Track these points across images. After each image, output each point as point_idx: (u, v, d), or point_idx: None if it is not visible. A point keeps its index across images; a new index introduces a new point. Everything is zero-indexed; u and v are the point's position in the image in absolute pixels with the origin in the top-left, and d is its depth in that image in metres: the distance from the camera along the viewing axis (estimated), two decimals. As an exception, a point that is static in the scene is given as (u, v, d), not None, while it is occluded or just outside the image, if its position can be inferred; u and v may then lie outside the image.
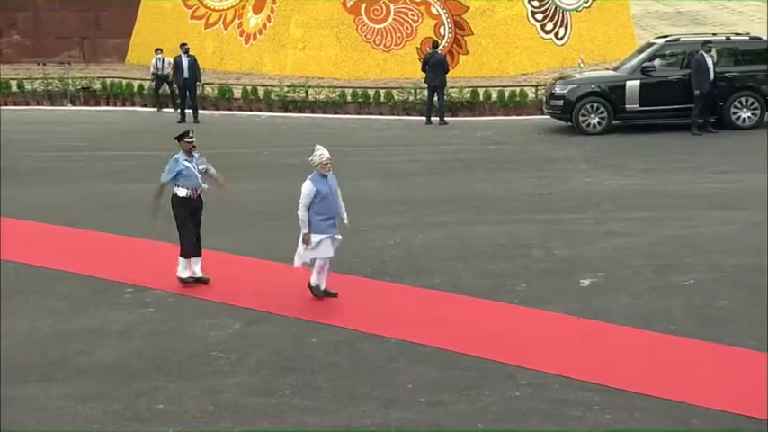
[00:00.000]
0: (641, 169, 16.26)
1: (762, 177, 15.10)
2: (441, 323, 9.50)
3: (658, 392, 7.83)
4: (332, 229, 9.95)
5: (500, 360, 8.58)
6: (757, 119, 19.07)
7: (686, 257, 11.22)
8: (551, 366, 8.39)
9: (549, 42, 27.09)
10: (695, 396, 7.75)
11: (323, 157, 9.88)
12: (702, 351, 8.67)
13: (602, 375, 8.19)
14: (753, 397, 7.72)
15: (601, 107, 19.39)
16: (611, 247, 11.81)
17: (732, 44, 19.66)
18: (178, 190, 10.53)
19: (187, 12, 29.58)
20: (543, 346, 8.92)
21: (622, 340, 9.00)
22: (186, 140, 10.56)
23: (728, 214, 13.10)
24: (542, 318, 9.58)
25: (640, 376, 8.17)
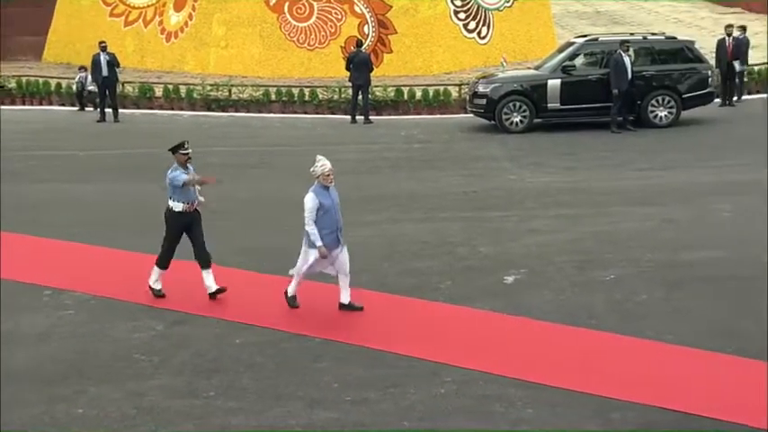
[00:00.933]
0: (563, 167, 16.49)
1: (677, 174, 15.45)
2: (366, 322, 9.50)
3: (580, 387, 7.95)
4: (336, 244, 9.46)
5: (425, 358, 8.61)
6: (673, 117, 19.48)
7: (607, 253, 11.41)
8: (476, 363, 8.45)
9: (472, 41, 27.31)
10: (616, 390, 7.88)
11: (325, 167, 9.35)
12: (623, 345, 8.82)
13: (525, 371, 8.27)
14: (670, 389, 7.89)
15: (523, 106, 19.60)
16: (535, 244, 11.95)
17: (649, 44, 20.06)
18: (174, 204, 9.96)
19: (106, 9, 29.04)
20: (468, 343, 8.97)
21: (545, 336, 9.10)
22: (182, 152, 9.92)
23: (647, 211, 13.36)
24: (467, 315, 9.64)
25: (563, 371, 8.28)
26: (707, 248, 11.42)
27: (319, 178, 9.42)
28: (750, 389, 7.84)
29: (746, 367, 8.23)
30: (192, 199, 10.05)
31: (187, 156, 9.96)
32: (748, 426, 7.26)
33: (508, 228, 12.71)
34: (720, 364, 8.33)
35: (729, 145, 17.49)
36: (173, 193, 9.97)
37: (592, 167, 16.42)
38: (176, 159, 10.00)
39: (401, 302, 10.01)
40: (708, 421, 7.35)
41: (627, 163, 16.55)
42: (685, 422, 7.37)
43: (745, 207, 13.14)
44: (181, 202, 9.98)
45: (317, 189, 9.42)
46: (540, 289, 10.31)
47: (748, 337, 8.83)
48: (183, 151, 9.95)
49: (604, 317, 9.49)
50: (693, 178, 15.16)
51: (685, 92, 19.49)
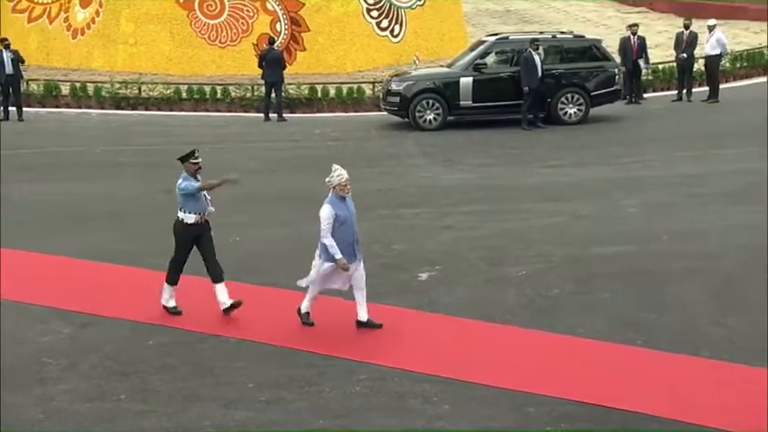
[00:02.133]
0: (476, 164, 16.65)
1: (586, 170, 15.76)
2: (280, 321, 9.42)
3: (496, 382, 8.03)
4: (352, 257, 8.98)
5: (340, 356, 8.59)
6: (582, 114, 19.86)
7: (519, 249, 11.56)
8: (391, 360, 8.47)
9: (385, 39, 27.37)
10: (530, 384, 7.99)
11: (342, 177, 8.93)
12: (536, 340, 8.94)
13: (441, 367, 8.32)
14: (583, 382, 8.03)
15: (436, 103, 19.72)
16: (449, 240, 12.03)
17: (558, 42, 20.39)
18: (186, 216, 9.40)
19: (8, 5, 28.22)
20: (383, 340, 8.98)
21: (460, 332, 9.17)
22: (192, 161, 9.34)
23: (557, 207, 13.57)
24: (381, 312, 9.62)
25: (478, 367, 8.35)
26: (615, 243, 11.66)
27: (335, 188, 8.95)
28: (658, 379, 8.03)
29: (654, 358, 8.43)
30: (204, 209, 9.47)
31: (198, 165, 9.38)
32: (657, 416, 7.44)
33: (422, 225, 12.78)
34: (630, 355, 8.51)
35: (635, 142, 17.90)
36: (184, 204, 9.37)
37: (504, 164, 16.62)
38: (186, 169, 9.39)
39: (315, 301, 9.95)
40: (617, 413, 7.50)
41: (538, 160, 16.80)
42: (598, 414, 7.50)
43: (650, 202, 13.47)
44: (193, 213, 9.38)
45: (332, 200, 8.95)
46: (454, 285, 10.38)
47: (655, 329, 9.04)
48: (193, 160, 9.34)
49: (517, 312, 9.60)
50: (601, 174, 15.47)
51: (593, 89, 19.87)
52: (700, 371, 8.16)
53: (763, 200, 13.23)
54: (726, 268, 10.60)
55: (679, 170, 15.31)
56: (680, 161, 15.99)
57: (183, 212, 9.42)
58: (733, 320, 9.10)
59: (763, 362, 8.22)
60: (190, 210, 9.40)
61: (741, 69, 24.38)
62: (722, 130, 18.56)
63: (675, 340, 8.72)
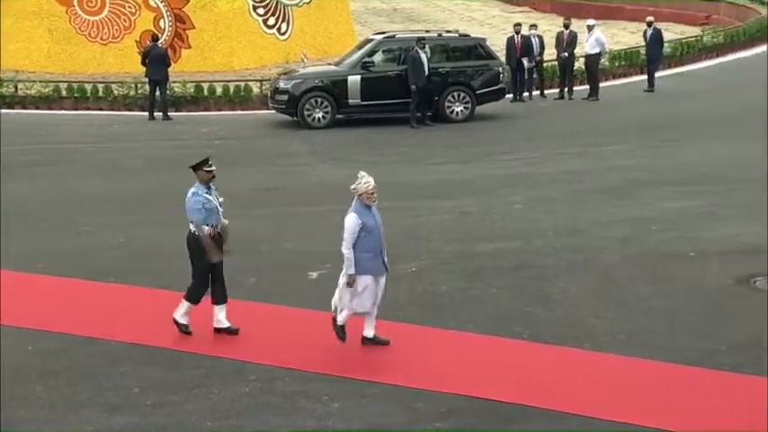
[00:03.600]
0: (366, 162, 16.65)
1: (473, 167, 16.00)
2: (167, 323, 9.24)
3: (385, 379, 8.07)
4: (381, 270, 8.55)
5: (229, 357, 8.49)
6: (469, 112, 20.13)
7: (408, 246, 11.62)
8: (281, 360, 8.41)
9: (272, 37, 27.19)
10: (420, 380, 8.05)
11: (369, 185, 8.43)
12: (426, 336, 9.01)
13: (331, 366, 8.31)
14: (472, 377, 8.13)
15: (325, 102, 19.69)
16: (339, 239, 12.00)
17: (444, 41, 20.61)
18: (198, 229, 8.79)
19: None
20: (272, 340, 8.92)
21: (350, 330, 9.15)
22: (206, 169, 8.77)
23: (445, 204, 13.73)
24: (271, 311, 9.58)
25: (368, 364, 8.37)
26: (501, 239, 11.86)
27: (362, 196, 8.45)
28: (544, 372, 8.20)
29: (540, 352, 8.60)
30: (218, 221, 8.89)
31: (211, 173, 8.83)
32: (543, 408, 7.59)
33: (313, 223, 12.73)
34: (516, 349, 8.66)
35: (520, 139, 18.26)
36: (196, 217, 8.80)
37: (393, 162, 16.71)
38: (199, 177, 8.80)
39: (203, 301, 9.80)
40: (507, 407, 7.63)
41: (426, 157, 16.96)
42: (485, 408, 7.61)
43: (535, 198, 13.75)
44: (207, 226, 8.80)
45: (358, 208, 8.46)
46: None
47: (540, 322, 9.23)
48: (207, 168, 8.79)
49: (407, 308, 9.66)
50: (488, 171, 15.72)
51: (479, 88, 20.17)
52: (584, 363, 8.35)
53: (640, 194, 13.68)
54: (607, 262, 10.90)
55: (562, 167, 15.67)
56: (562, 158, 16.37)
57: (195, 226, 8.81)
58: (613, 313, 9.36)
59: (643, 352, 8.48)
60: (204, 222, 8.78)
61: (620, 68, 25.12)
62: (602, 127, 19.10)
63: (560, 333, 8.92)
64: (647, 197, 13.56)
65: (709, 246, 11.24)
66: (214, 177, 8.86)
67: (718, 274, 10.28)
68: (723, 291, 9.85)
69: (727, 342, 8.61)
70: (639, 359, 8.35)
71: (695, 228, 12.00)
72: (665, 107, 20.72)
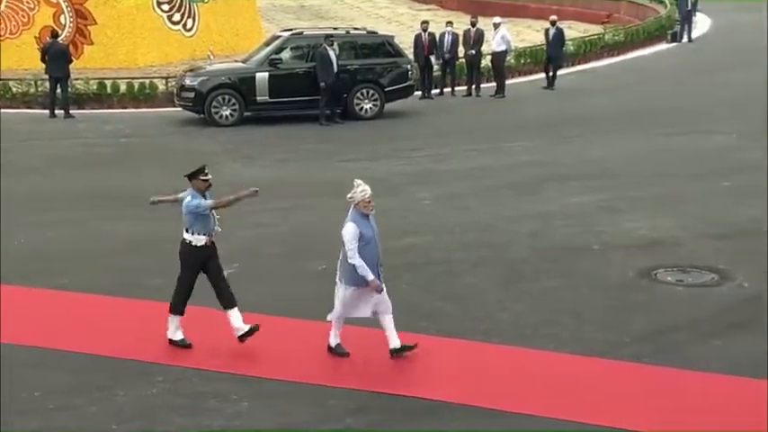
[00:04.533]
0: (275, 159, 16.59)
1: (382, 164, 16.04)
2: (71, 326, 9.03)
3: (294, 377, 8.02)
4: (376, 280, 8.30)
5: (135, 358, 8.33)
6: (378, 109, 20.18)
7: (318, 244, 11.58)
8: (188, 361, 8.30)
9: (178, 33, 26.81)
10: (329, 377, 8.03)
11: (365, 193, 8.29)
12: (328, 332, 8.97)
13: (239, 365, 8.23)
14: (381, 373, 8.15)
15: (232, 99, 19.49)
16: (249, 237, 11.92)
17: (352, 38, 20.60)
18: (194, 238, 8.52)
19: None
20: (180, 340, 8.78)
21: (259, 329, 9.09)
22: (202, 178, 8.50)
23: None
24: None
25: (278, 363, 8.31)
26: (410, 235, 11.91)
27: (358, 205, 8.31)
28: (455, 368, 8.26)
29: (448, 347, 8.66)
30: (212, 229, 8.64)
31: (208, 182, 8.58)
32: (459, 403, 7.64)
33: (221, 223, 12.55)
34: (426, 345, 8.69)
35: (428, 136, 18.37)
36: (192, 224, 8.52)
37: (303, 159, 16.64)
38: (194, 186, 8.52)
39: (108, 302, 9.62)
40: (417, 402, 7.66)
41: (335, 154, 16.93)
42: (398, 404, 7.64)
43: (444, 195, 13.86)
44: (202, 235, 8.53)
45: (355, 218, 8.29)
46: (254, 282, 10.29)
47: (448, 318, 9.30)
48: (203, 177, 8.52)
49: (317, 306, 9.60)
50: (397, 168, 15.78)
51: (388, 85, 20.22)
52: (492, 357, 8.44)
53: (545, 190, 13.92)
54: (514, 256, 11.06)
55: (470, 163, 15.84)
56: (471, 154, 16.54)
57: (191, 234, 8.53)
58: (520, 307, 9.50)
59: (549, 345, 8.62)
60: (198, 231, 8.52)
61: (525, 65, 25.52)
62: (509, 124, 19.37)
63: (468, 328, 9.01)
64: (553, 192, 13.80)
65: (612, 239, 11.50)
66: (210, 186, 8.59)
67: (620, 267, 10.52)
68: (626, 283, 10.09)
69: (630, 333, 8.82)
70: (546, 351, 8.49)
71: (599, 222, 12.26)
72: (570, 104, 21.13)
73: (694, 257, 10.78)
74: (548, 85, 22.95)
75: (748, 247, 11.08)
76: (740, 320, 9.03)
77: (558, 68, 23.59)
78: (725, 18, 32.65)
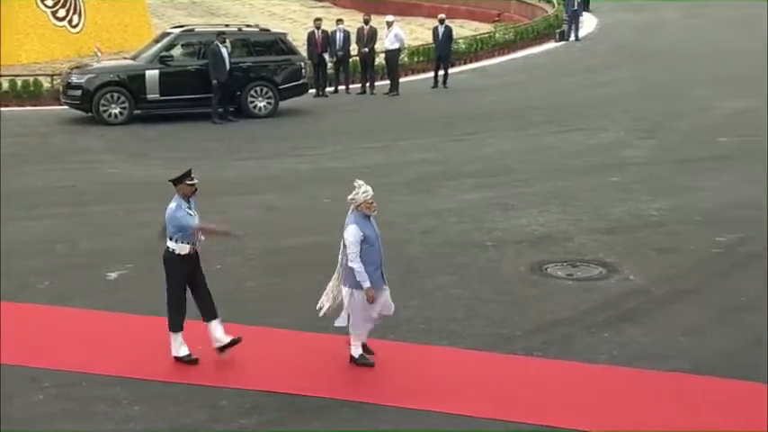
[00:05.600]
0: (167, 158, 16.29)
1: (278, 162, 15.95)
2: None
3: (186, 379, 7.92)
4: (381, 282, 8.11)
5: (22, 364, 8.07)
6: (272, 107, 20.06)
7: (215, 243, 11.34)
8: (78, 365, 8.09)
9: (63, 30, 26.10)
10: (222, 378, 7.95)
11: (367, 194, 8.03)
12: (231, 333, 8.84)
13: (130, 369, 8.06)
14: (275, 373, 8.10)
15: (122, 97, 19.08)
16: (141, 237, 11.67)
17: (244, 35, 20.42)
18: (179, 246, 8.13)
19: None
20: (67, 344, 8.55)
21: (148, 330, 8.90)
22: (188, 183, 8.18)
23: (252, 199, 13.61)
24: (67, 315, 9.19)
25: (170, 366, 8.17)
26: (308, 234, 11.87)
27: (360, 207, 8.05)
28: (344, 364, 8.25)
29: (341, 344, 8.63)
30: (197, 239, 8.27)
31: (194, 187, 8.23)
32: (354, 400, 7.66)
33: (112, 222, 12.31)
34: (322, 343, 8.68)
35: (324, 134, 18.35)
36: (175, 233, 8.14)
37: (196, 158, 16.35)
38: (180, 191, 8.20)
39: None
40: (312, 400, 7.65)
41: (230, 153, 16.75)
42: (292, 403, 7.60)
43: (341, 193, 13.78)
44: (187, 243, 8.16)
45: (357, 219, 8.03)
46: (147, 283, 10.07)
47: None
48: (189, 181, 8.20)
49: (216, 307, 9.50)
50: (293, 167, 15.72)
51: (282, 83, 20.11)
52: (388, 354, 8.46)
53: (439, 187, 14.07)
54: (410, 253, 11.13)
55: (366, 161, 15.88)
56: (366, 152, 16.59)
57: (175, 242, 8.17)
58: (415, 303, 9.56)
59: (443, 340, 8.72)
60: (182, 239, 8.17)
61: (418, 63, 25.74)
62: (403, 121, 19.49)
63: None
64: (447, 189, 13.96)
65: (504, 235, 11.70)
66: (196, 191, 8.29)
67: (512, 263, 10.71)
68: (518, 278, 10.28)
69: (522, 327, 8.98)
70: (440, 347, 8.58)
71: (491, 218, 12.45)
72: (462, 102, 21.40)
73: (583, 252, 11.05)
74: (435, 85, 23.16)
75: (634, 240, 11.43)
76: (626, 312, 9.29)
77: (450, 66, 23.85)
78: (610, 17, 33.57)
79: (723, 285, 9.96)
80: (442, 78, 23.17)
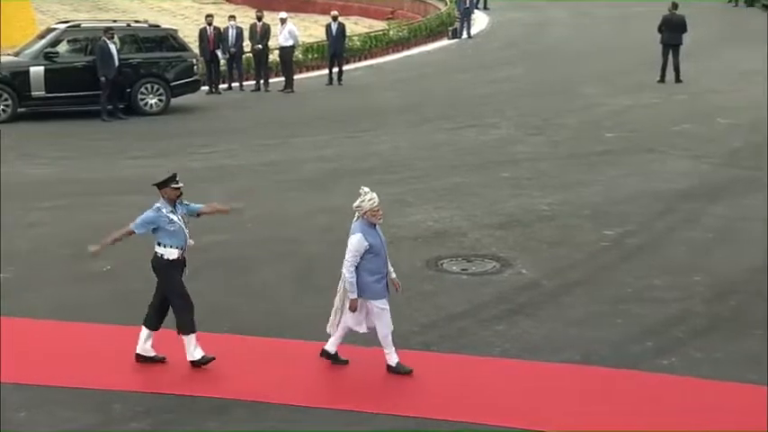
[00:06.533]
0: (55, 157, 15.91)
1: (171, 160, 15.69)
2: None
3: (75, 383, 7.75)
4: (384, 293, 7.91)
5: None
6: (164, 104, 19.73)
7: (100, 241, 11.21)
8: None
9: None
10: (115, 382, 7.81)
11: (373, 202, 7.82)
12: (123, 335, 8.67)
13: (15, 374, 7.83)
14: (171, 375, 7.99)
15: (4, 94, 18.52)
16: (29, 238, 11.40)
17: (133, 31, 20.04)
18: (167, 251, 7.92)
19: None
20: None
21: (44, 333, 8.72)
22: (173, 186, 7.90)
23: (144, 199, 13.16)
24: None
25: (56, 369, 7.99)
26: (203, 233, 11.64)
27: (366, 214, 7.85)
28: (241, 364, 8.19)
29: (239, 344, 8.59)
30: (185, 243, 8.02)
31: (179, 191, 7.96)
32: (248, 400, 7.59)
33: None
34: (218, 343, 8.58)
35: (217, 131, 18.15)
36: (163, 237, 7.90)
37: (86, 157, 16.06)
38: (165, 195, 7.95)
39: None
40: (203, 400, 7.57)
41: (121, 151, 16.43)
42: (185, 404, 7.52)
43: (235, 190, 13.69)
44: (175, 248, 7.95)
45: (363, 228, 7.83)
46: (38, 285, 9.87)
47: (243, 315, 9.23)
48: (174, 185, 7.93)
49: (104, 308, 9.32)
50: (187, 165, 15.43)
51: (173, 80, 19.83)
52: (286, 353, 8.42)
53: (336, 184, 14.07)
54: (308, 251, 11.11)
55: (261, 158, 15.78)
56: (262, 150, 16.48)
57: (163, 247, 7.97)
58: (313, 301, 9.53)
59: (360, 340, 8.73)
60: (170, 243, 7.97)
61: (313, 61, 25.70)
62: (299, 118, 19.42)
63: (262, 324, 8.97)
64: (343, 186, 13.94)
65: (400, 231, 11.77)
66: (181, 195, 8.07)
67: (409, 258, 10.78)
68: (414, 273, 10.34)
69: (418, 322, 9.06)
70: (342, 345, 8.58)
71: (388, 214, 12.32)
72: (357, 99, 21.45)
73: (478, 247, 11.21)
74: (330, 82, 23.14)
75: (526, 235, 11.65)
76: (519, 306, 9.46)
77: (345, 63, 23.87)
78: (501, 16, 34.14)
79: (611, 277, 10.24)
80: (337, 75, 23.17)
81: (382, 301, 7.89)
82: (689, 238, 11.37)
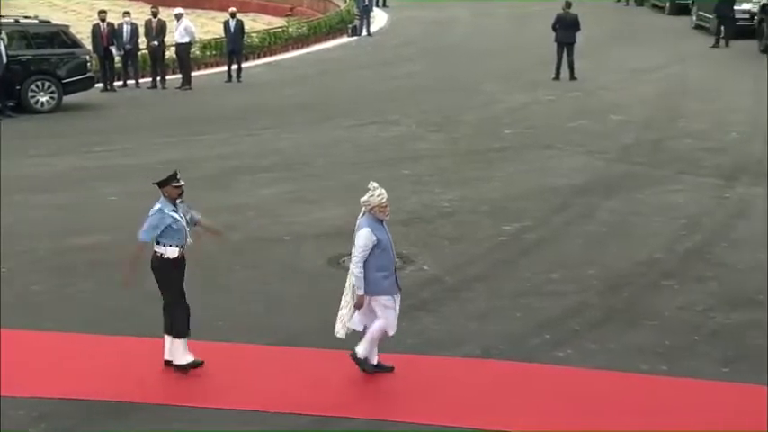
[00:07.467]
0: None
1: (64, 159, 15.33)
2: None
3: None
4: (395, 289, 7.77)
5: None
6: (56, 102, 19.24)
7: (2, 246, 10.89)
8: None
9: None
10: (11, 388, 7.59)
11: (382, 198, 7.62)
12: (22, 340, 8.49)
13: None
14: (66, 378, 7.81)
15: None
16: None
17: (22, 27, 19.50)
18: (167, 250, 7.77)
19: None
20: None
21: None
22: (175, 185, 7.75)
23: (37, 198, 13.05)
24: None
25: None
26: (96, 233, 11.50)
27: (374, 210, 7.66)
28: (144, 367, 8.07)
29: (139, 346, 8.46)
30: (185, 241, 7.85)
31: (180, 189, 7.80)
32: (145, 403, 7.50)
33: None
34: (120, 346, 8.43)
35: (112, 130, 17.80)
36: (165, 236, 7.74)
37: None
38: (166, 193, 7.80)
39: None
40: (102, 404, 7.43)
41: (12, 150, 15.95)
42: (84, 408, 7.37)
43: (130, 190, 13.43)
44: (176, 246, 7.81)
45: (371, 223, 7.65)
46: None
47: (144, 318, 9.04)
48: (175, 183, 7.79)
49: (4, 312, 9.04)
50: (80, 164, 15.17)
51: (65, 77, 19.39)
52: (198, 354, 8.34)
53: (237, 182, 13.95)
54: (206, 250, 10.90)
55: (159, 157, 15.49)
56: (159, 148, 16.21)
57: (163, 246, 7.81)
58: (215, 301, 9.45)
59: (241, 336, 8.67)
60: (170, 242, 7.81)
61: (211, 57, 25.43)
62: (197, 116, 19.18)
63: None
64: (244, 185, 13.87)
65: (301, 229, 11.75)
66: (183, 193, 7.91)
67: (311, 256, 10.78)
68: (316, 271, 10.36)
69: (322, 320, 9.04)
70: (237, 344, 8.54)
71: (289, 213, 12.48)
72: (257, 96, 21.31)
73: (380, 243, 11.26)
74: (229, 79, 22.94)
75: (428, 231, 11.77)
76: (421, 302, 9.55)
77: (243, 60, 23.68)
78: (400, 13, 34.36)
79: (510, 272, 10.43)
80: (236, 72, 22.97)
81: (389, 298, 7.81)
82: (584, 233, 11.66)
